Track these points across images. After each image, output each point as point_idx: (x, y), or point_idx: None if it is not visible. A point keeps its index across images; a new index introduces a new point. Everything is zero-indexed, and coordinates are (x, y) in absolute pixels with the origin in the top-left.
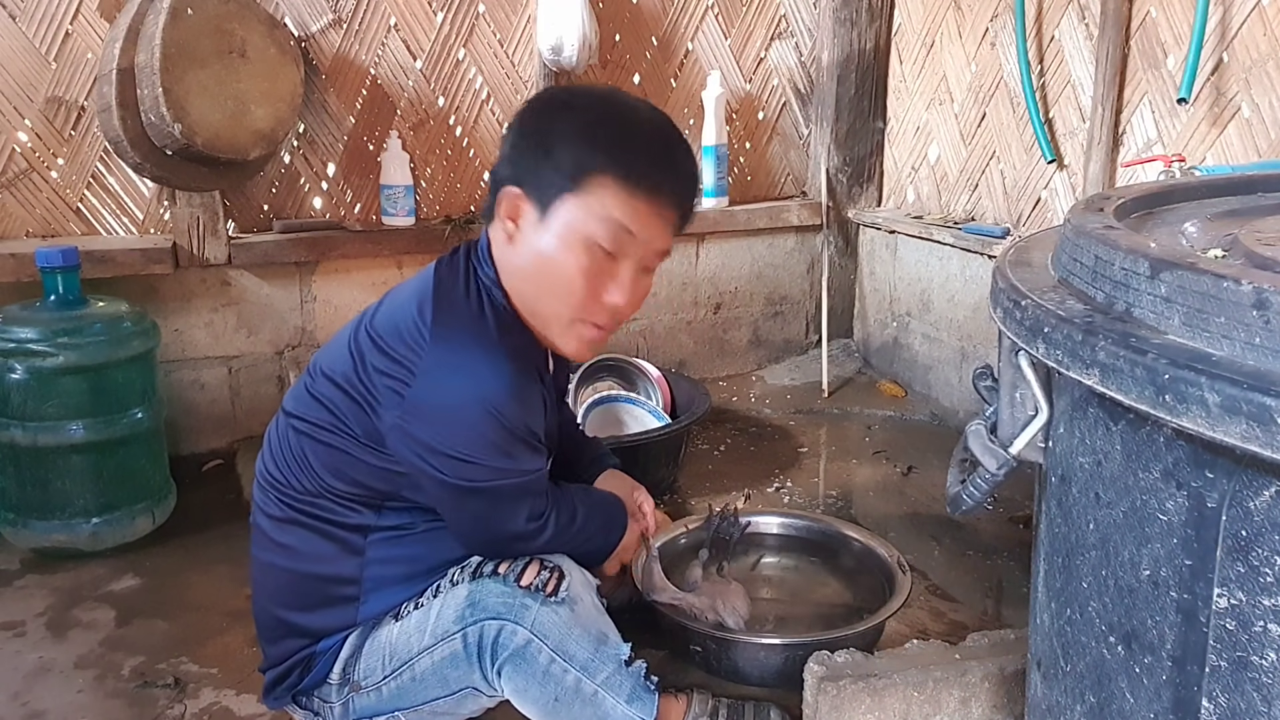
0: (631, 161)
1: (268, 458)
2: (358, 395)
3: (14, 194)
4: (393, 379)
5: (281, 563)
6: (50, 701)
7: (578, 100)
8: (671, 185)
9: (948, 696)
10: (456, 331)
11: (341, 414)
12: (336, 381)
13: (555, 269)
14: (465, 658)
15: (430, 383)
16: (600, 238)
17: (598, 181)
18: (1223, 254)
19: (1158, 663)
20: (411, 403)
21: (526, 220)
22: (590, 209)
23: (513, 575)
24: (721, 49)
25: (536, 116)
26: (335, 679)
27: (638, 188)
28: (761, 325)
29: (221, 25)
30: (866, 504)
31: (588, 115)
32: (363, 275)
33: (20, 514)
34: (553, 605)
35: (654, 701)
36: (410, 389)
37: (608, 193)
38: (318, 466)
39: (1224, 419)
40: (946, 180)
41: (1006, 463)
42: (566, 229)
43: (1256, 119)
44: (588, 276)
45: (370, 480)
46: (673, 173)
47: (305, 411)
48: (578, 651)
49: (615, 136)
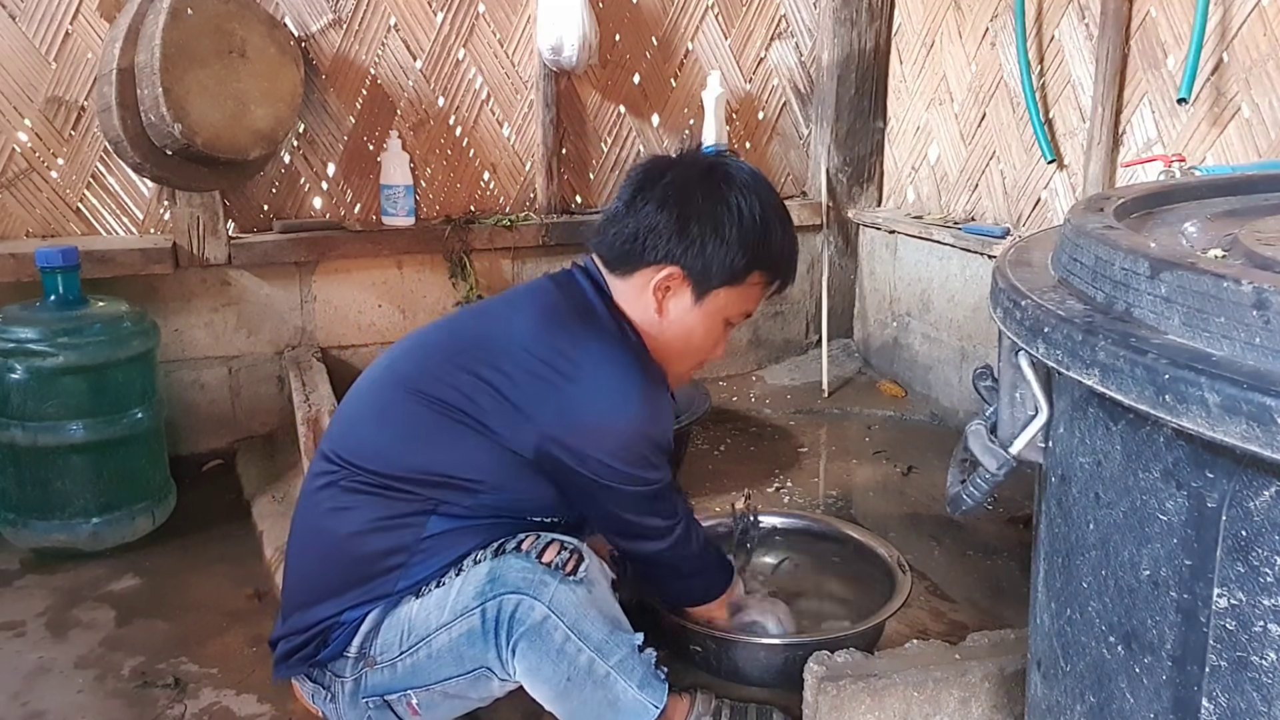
0: (777, 267)
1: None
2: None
3: (14, 194)
4: (547, 385)
5: (334, 528)
6: (50, 701)
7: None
8: (791, 281)
9: (948, 696)
10: (606, 347)
11: (481, 409)
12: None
13: (698, 341)
14: (482, 633)
15: (588, 398)
16: (732, 316)
17: (750, 281)
18: (1223, 254)
19: (1158, 663)
20: (569, 415)
21: (679, 298)
22: (736, 300)
23: (534, 552)
24: (721, 49)
25: (698, 200)
26: (352, 653)
27: (773, 284)
28: (761, 325)
29: (221, 25)
30: (866, 504)
31: (750, 220)
32: (363, 275)
33: (20, 514)
34: (571, 584)
35: (664, 690)
36: (568, 401)
37: (754, 289)
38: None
39: (1224, 419)
40: (946, 180)
41: (1006, 463)
42: (716, 312)
43: (1256, 119)
44: (714, 342)
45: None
46: (795, 271)
47: (439, 393)
48: (593, 632)
49: (771, 244)
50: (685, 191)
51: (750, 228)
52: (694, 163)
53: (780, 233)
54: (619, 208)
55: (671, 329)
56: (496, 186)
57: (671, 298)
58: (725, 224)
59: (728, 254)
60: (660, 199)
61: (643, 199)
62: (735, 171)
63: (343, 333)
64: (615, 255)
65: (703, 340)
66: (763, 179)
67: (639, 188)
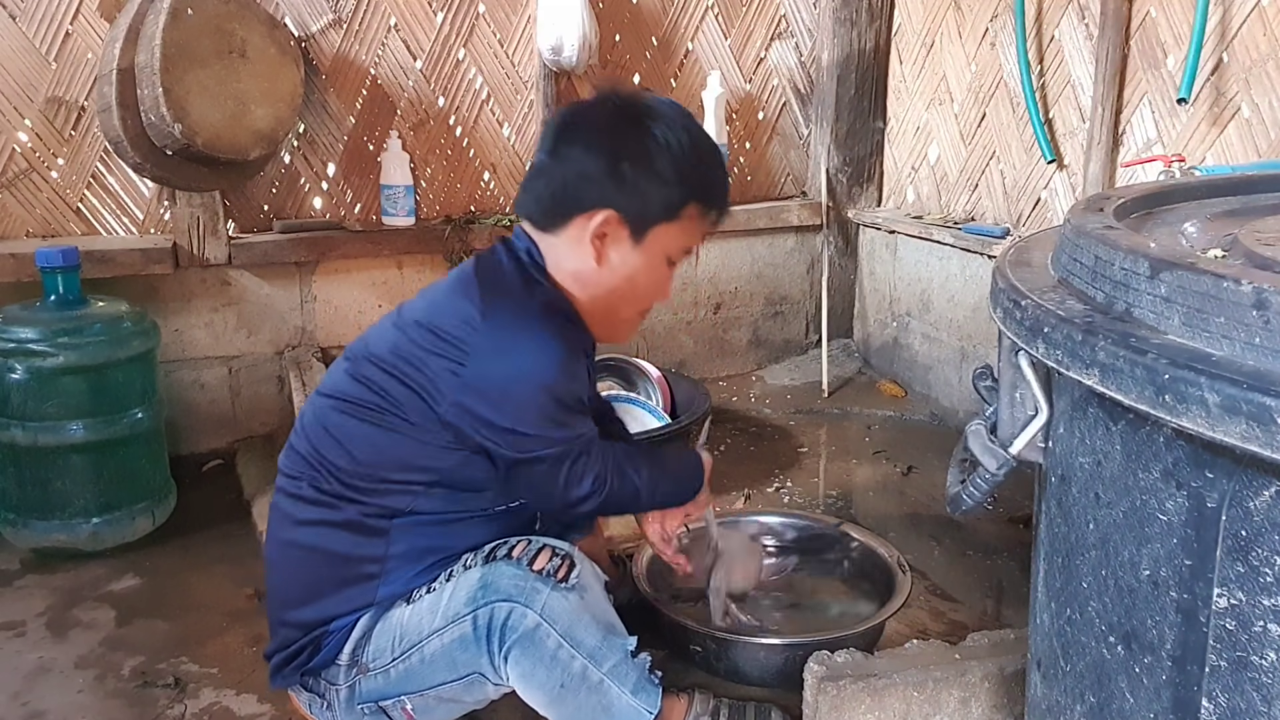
0: (712, 195)
1: (300, 440)
2: (410, 381)
3: (14, 194)
4: (448, 360)
5: (305, 541)
6: (50, 701)
7: (660, 127)
8: (728, 206)
9: (948, 696)
10: (506, 313)
11: (392, 398)
12: (384, 367)
13: (641, 282)
14: (474, 640)
15: (485, 362)
16: (674, 254)
17: (688, 213)
18: (1223, 254)
19: (1158, 663)
20: (468, 382)
21: (618, 242)
22: (675, 236)
23: (525, 559)
24: (721, 49)
25: (624, 138)
26: (344, 660)
27: (709, 214)
28: (761, 325)
29: (221, 25)
30: (866, 504)
31: (678, 147)
32: (363, 275)
33: (20, 514)
34: (563, 591)
35: (658, 695)
36: (466, 369)
37: (692, 222)
38: (359, 446)
39: (1224, 419)
40: (946, 180)
41: (1006, 463)
42: (657, 251)
43: (1256, 119)
44: (659, 284)
45: (418, 459)
46: (729, 196)
47: (348, 393)
48: (586, 638)
49: (703, 171)
50: (610, 131)
51: (681, 157)
52: (612, 101)
53: (711, 159)
54: (542, 159)
55: (614, 276)
56: (497, 186)
57: (610, 244)
58: (656, 158)
59: (662, 188)
60: (585, 143)
61: (566, 146)
62: (656, 104)
63: (343, 333)
64: (544, 211)
65: (647, 283)
66: (684, 109)
67: (559, 136)
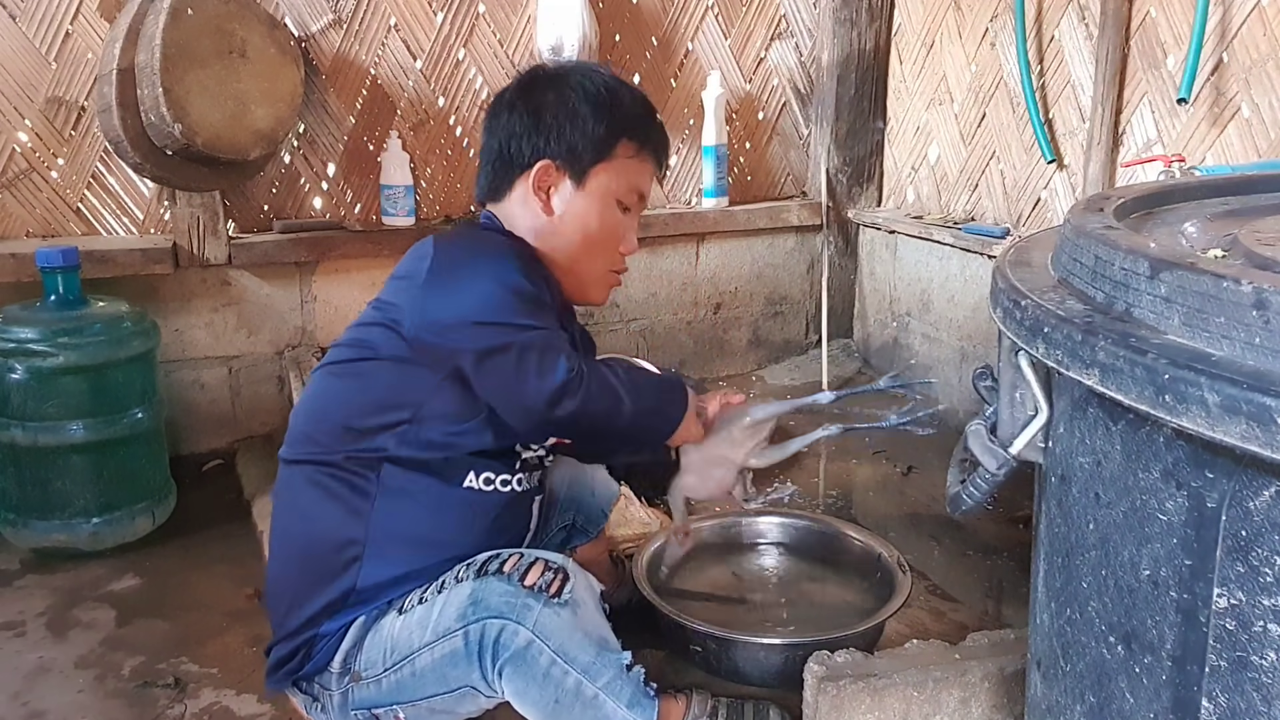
0: (645, 130)
1: (294, 421)
2: (378, 320)
3: (14, 194)
4: (407, 282)
5: (295, 527)
6: (50, 701)
7: (574, 76)
8: (665, 148)
9: (948, 696)
10: (462, 240)
11: (365, 344)
12: (361, 324)
13: (597, 229)
14: (466, 656)
15: (443, 270)
16: (623, 197)
17: (622, 151)
18: (1223, 254)
19: (1157, 663)
20: (427, 291)
21: (561, 190)
22: (617, 175)
23: (517, 574)
24: (721, 49)
25: (543, 93)
26: (336, 668)
27: (648, 152)
28: (761, 325)
29: (222, 25)
30: (866, 504)
31: (595, 90)
32: (363, 275)
33: (20, 514)
34: (555, 607)
35: (654, 708)
36: (424, 280)
37: (631, 160)
38: (336, 402)
39: (1224, 419)
40: (946, 180)
41: (1006, 463)
42: (603, 193)
43: (1256, 119)
44: (616, 231)
45: (390, 396)
46: (665, 137)
47: (335, 356)
48: (579, 654)
49: (625, 108)
50: (523, 92)
51: (596, 95)
52: (528, 71)
53: (628, 94)
54: (483, 142)
55: (566, 225)
56: None
57: (554, 193)
58: (572, 100)
59: (585, 126)
60: (508, 108)
61: (494, 119)
62: (566, 63)
63: (343, 333)
64: (491, 183)
65: (601, 228)
66: (595, 64)
67: (489, 114)
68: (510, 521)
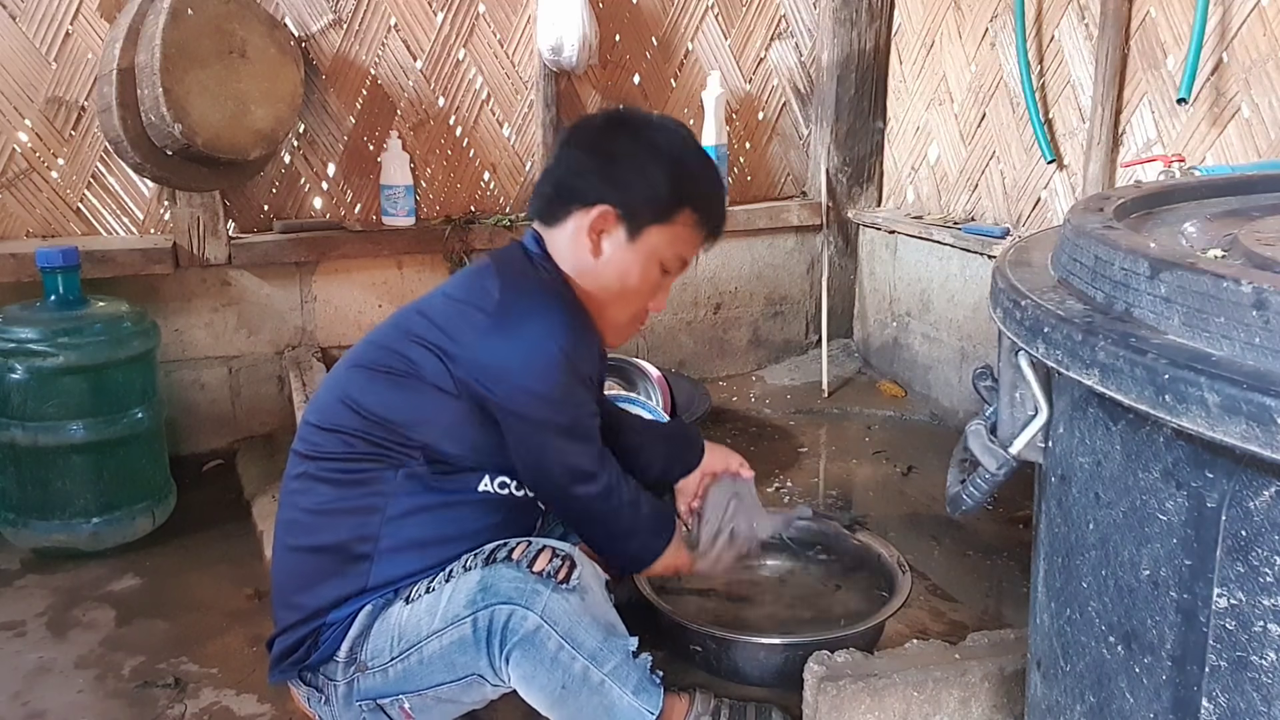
0: (708, 206)
1: (313, 414)
2: (428, 343)
3: (14, 194)
4: (464, 308)
5: (305, 520)
6: (50, 701)
7: (657, 134)
8: (721, 225)
9: (948, 696)
10: (524, 285)
11: (415, 363)
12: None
13: (636, 283)
14: (474, 642)
15: (501, 313)
16: (667, 260)
17: (682, 219)
18: (1223, 254)
19: (1157, 663)
20: (484, 337)
21: (613, 237)
22: (669, 240)
23: (525, 561)
24: (721, 49)
25: (621, 142)
26: (342, 657)
27: (704, 226)
28: (761, 325)
29: (222, 25)
30: (866, 504)
31: (673, 152)
32: (363, 275)
33: (20, 514)
34: (564, 592)
35: (659, 695)
36: (484, 327)
37: (686, 229)
38: (381, 402)
39: (1224, 419)
40: (946, 180)
41: (1006, 463)
42: (650, 252)
43: (1256, 119)
44: (652, 289)
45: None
46: (723, 214)
47: (377, 358)
48: (587, 640)
49: (697, 180)
50: (606, 134)
51: (672, 161)
52: (615, 111)
53: (702, 166)
54: (549, 163)
55: (608, 269)
56: (497, 186)
57: (606, 237)
58: (648, 159)
59: (654, 188)
60: (584, 144)
61: (567, 149)
62: (656, 117)
63: (343, 333)
64: (548, 206)
65: (639, 283)
66: (679, 121)
67: (565, 142)
68: (517, 519)
